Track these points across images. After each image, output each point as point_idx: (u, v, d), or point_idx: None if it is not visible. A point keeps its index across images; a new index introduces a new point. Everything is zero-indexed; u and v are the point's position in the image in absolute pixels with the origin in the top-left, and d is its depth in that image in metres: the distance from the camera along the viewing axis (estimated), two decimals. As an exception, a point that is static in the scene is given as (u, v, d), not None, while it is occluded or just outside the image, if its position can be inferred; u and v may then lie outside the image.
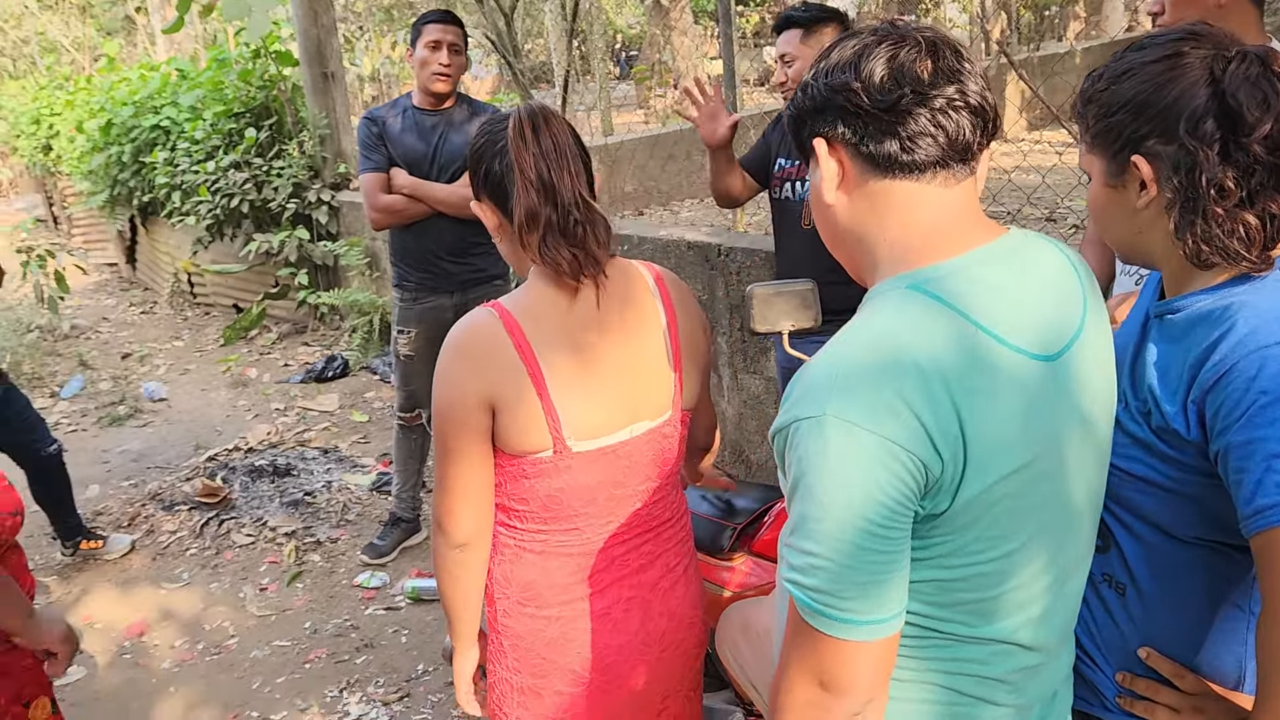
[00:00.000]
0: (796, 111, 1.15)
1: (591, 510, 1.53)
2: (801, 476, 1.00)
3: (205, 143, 7.04)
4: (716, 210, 7.54)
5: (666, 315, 1.58)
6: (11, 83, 14.95)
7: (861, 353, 1.02)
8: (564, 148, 1.46)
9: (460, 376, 1.46)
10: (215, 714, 3.09)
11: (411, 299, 3.73)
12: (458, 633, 1.64)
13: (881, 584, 1.00)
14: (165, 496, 4.61)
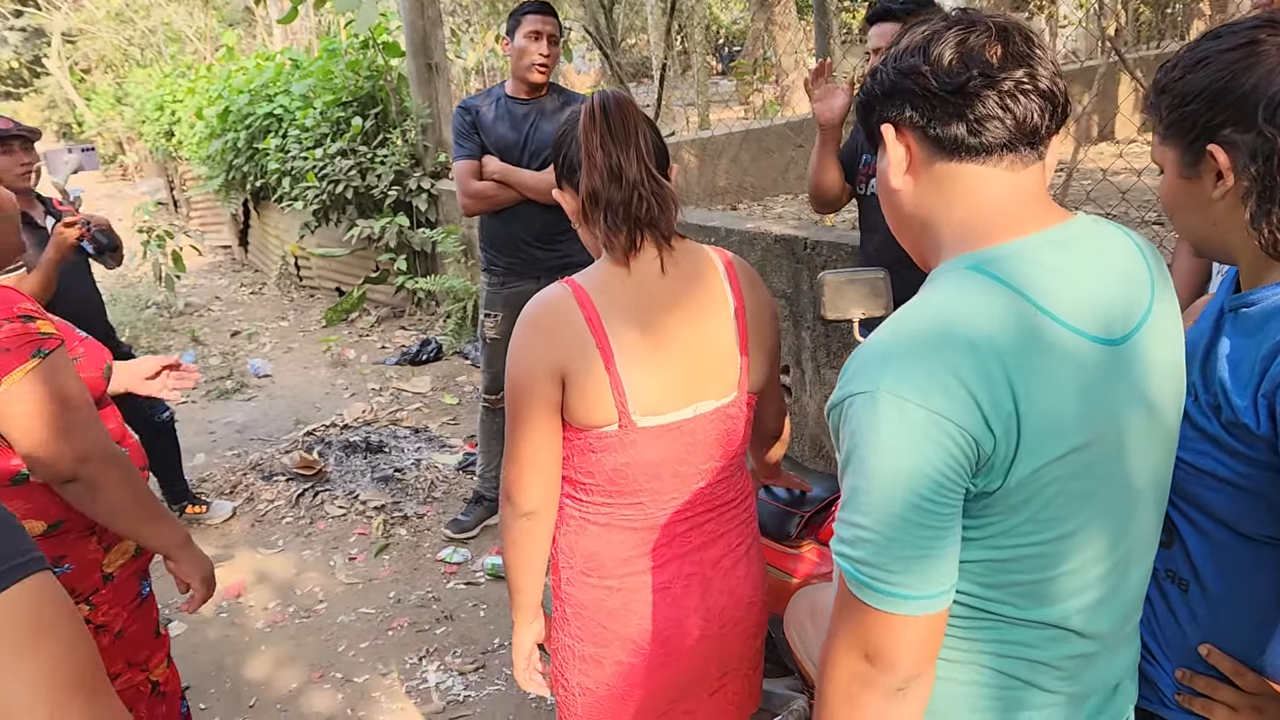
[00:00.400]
0: (865, 98, 1.16)
1: (656, 486, 1.56)
2: (853, 450, 1.02)
3: (314, 130, 7.29)
4: (807, 207, 7.50)
5: (735, 298, 1.60)
6: (139, 71, 15.69)
7: (916, 329, 1.03)
8: (631, 128, 1.50)
9: (533, 348, 1.52)
10: (302, 673, 3.23)
11: (499, 283, 3.82)
12: (518, 604, 1.68)
13: (929, 559, 1.01)
14: (265, 467, 4.82)
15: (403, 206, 6.93)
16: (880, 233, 2.92)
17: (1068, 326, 1.04)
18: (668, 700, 1.67)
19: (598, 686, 1.64)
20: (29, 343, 1.66)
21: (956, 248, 1.11)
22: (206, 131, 9.32)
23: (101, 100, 17.69)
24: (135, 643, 1.94)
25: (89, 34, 19.21)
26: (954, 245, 1.11)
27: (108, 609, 1.89)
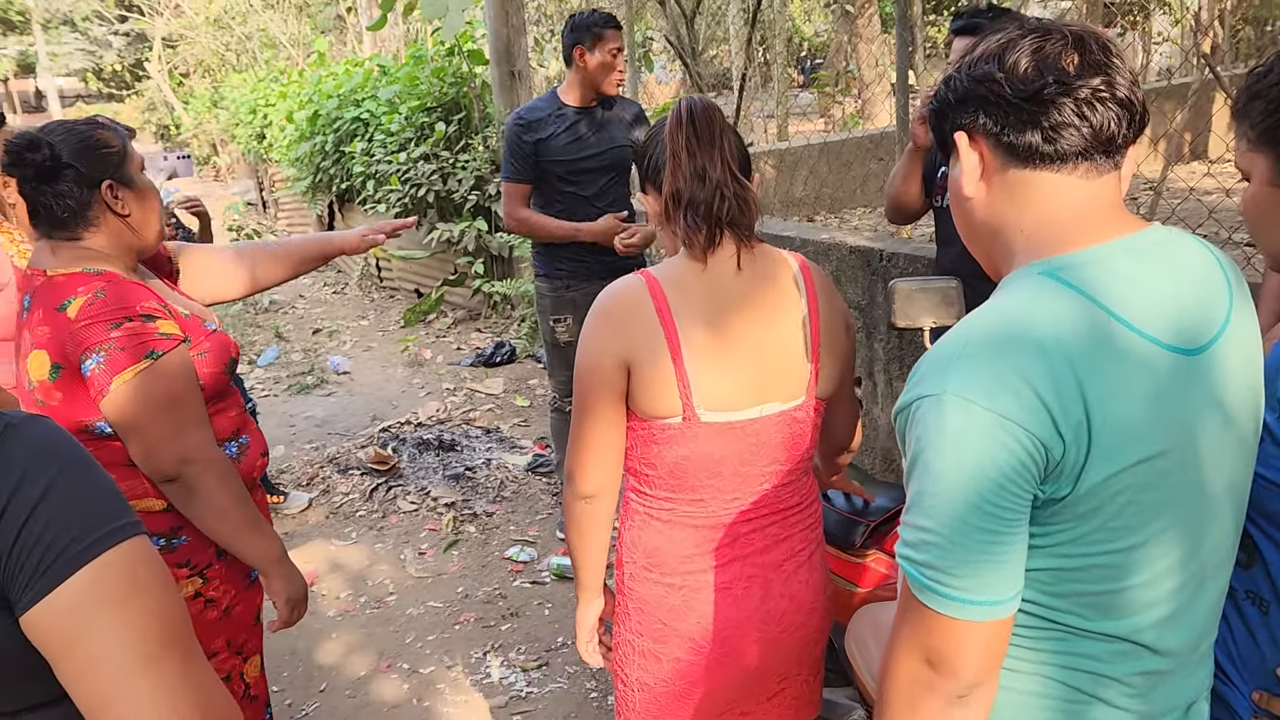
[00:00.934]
0: (939, 105, 1.16)
1: (716, 483, 1.58)
2: (920, 454, 1.02)
3: (399, 135, 7.47)
4: (884, 220, 7.43)
5: (809, 303, 1.61)
6: (235, 75, 16.21)
7: (985, 333, 1.03)
8: (716, 132, 1.54)
9: (602, 335, 1.56)
10: (370, 661, 3.31)
11: (563, 286, 3.86)
12: (581, 583, 1.75)
13: (993, 564, 1.00)
14: (341, 461, 4.95)
15: (482, 211, 7.05)
16: (956, 245, 2.88)
17: (1142, 334, 1.03)
18: (725, 701, 1.68)
19: (656, 683, 1.66)
20: (144, 343, 1.71)
21: (1028, 255, 1.11)
22: (296, 134, 9.60)
23: (198, 103, 18.32)
24: (238, 624, 1.99)
25: (188, 39, 19.91)
26: (1026, 252, 1.11)
27: (219, 584, 1.94)
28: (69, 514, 0.87)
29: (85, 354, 1.70)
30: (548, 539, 4.10)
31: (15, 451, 0.87)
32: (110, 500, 0.91)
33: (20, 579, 0.85)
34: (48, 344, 1.72)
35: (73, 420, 1.74)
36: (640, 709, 1.69)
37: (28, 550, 0.85)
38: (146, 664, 0.88)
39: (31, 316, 1.75)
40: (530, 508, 4.40)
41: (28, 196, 1.77)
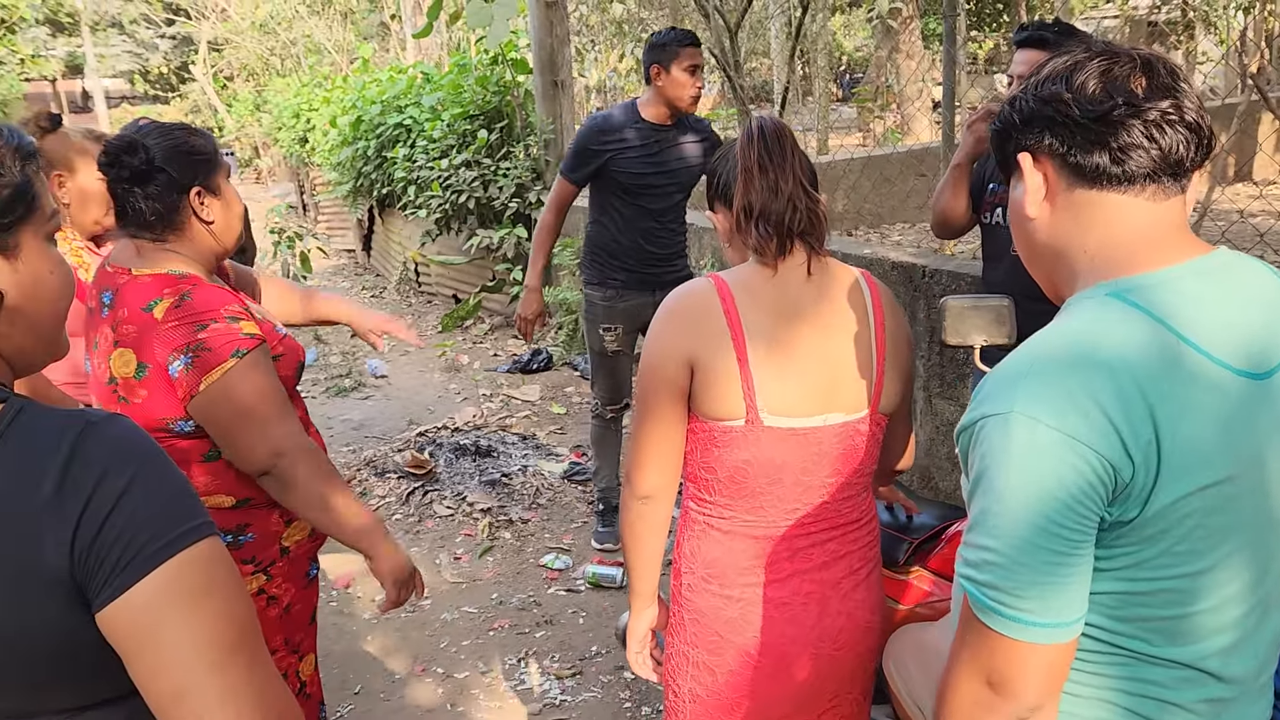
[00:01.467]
0: (1002, 125, 1.16)
1: (776, 491, 1.58)
2: (984, 473, 1.02)
3: (441, 141, 7.54)
4: (926, 236, 7.40)
5: (875, 317, 1.63)
6: (278, 80, 16.43)
7: (1053, 352, 1.02)
8: (787, 149, 1.59)
9: (669, 334, 1.59)
10: (405, 664, 3.33)
11: (615, 295, 3.87)
12: (635, 590, 1.73)
13: (1058, 586, 0.99)
14: (378, 464, 4.99)
15: (522, 218, 7.10)
16: (1004, 262, 2.89)
17: (1211, 358, 1.02)
18: (777, 717, 1.67)
19: (708, 695, 1.66)
20: (230, 343, 1.75)
21: (1093, 276, 1.10)
22: (339, 139, 9.71)
23: (241, 106, 18.60)
24: (296, 622, 2.02)
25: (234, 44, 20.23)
26: (1090, 274, 1.11)
27: (281, 582, 1.97)
28: (148, 512, 0.89)
29: (173, 355, 1.74)
30: (583, 547, 4.10)
31: (96, 449, 0.89)
32: (187, 500, 0.93)
33: (100, 575, 0.87)
34: (134, 343, 1.75)
35: (154, 418, 1.77)
36: (690, 720, 1.69)
37: (108, 546, 0.86)
38: (218, 663, 0.89)
39: (114, 313, 1.78)
40: (566, 515, 4.41)
41: (118, 197, 1.81)
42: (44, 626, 0.87)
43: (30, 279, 0.95)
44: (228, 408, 1.75)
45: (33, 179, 0.95)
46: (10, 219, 0.92)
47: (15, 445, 0.88)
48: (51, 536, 0.85)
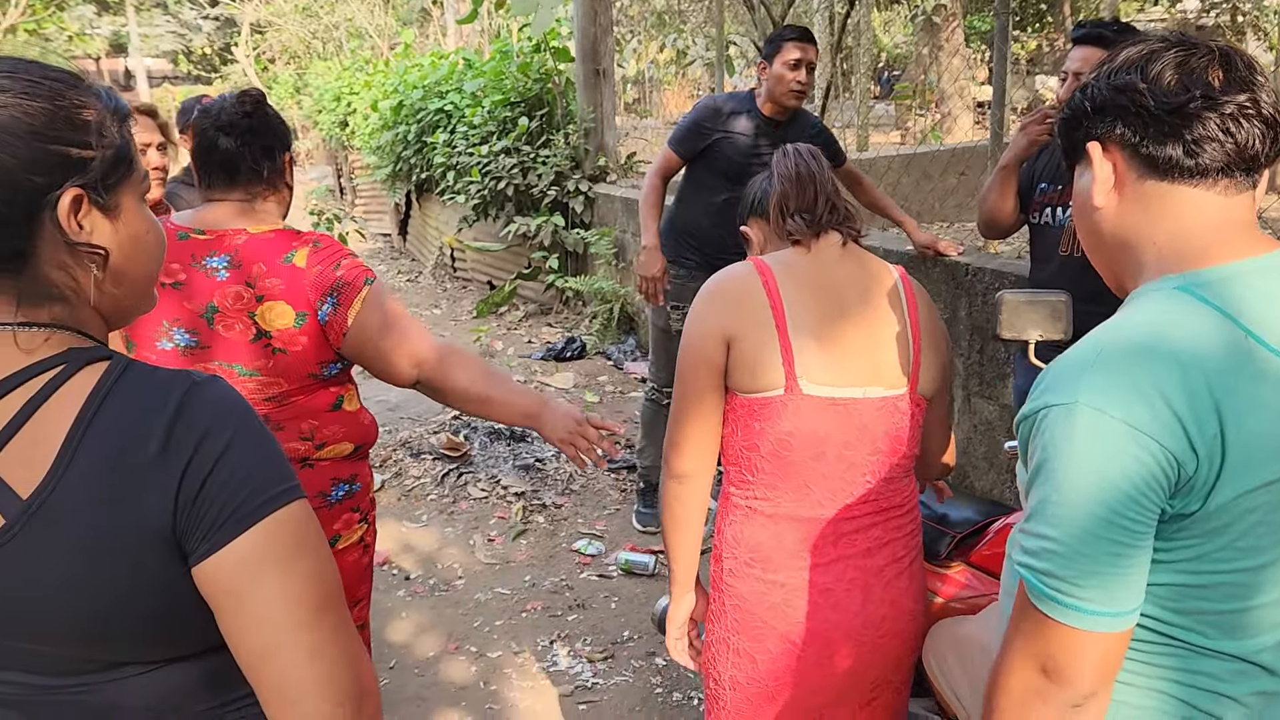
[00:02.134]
0: (1072, 113, 1.15)
1: (819, 468, 1.59)
2: (1045, 462, 1.02)
3: (482, 128, 7.57)
4: (967, 234, 7.35)
5: (908, 303, 1.67)
6: (319, 63, 16.54)
7: (1120, 344, 1.02)
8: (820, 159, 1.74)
9: (707, 313, 1.64)
10: (439, 642, 3.37)
11: (687, 275, 3.93)
12: (675, 575, 1.75)
13: (1117, 576, 0.99)
14: (414, 445, 5.03)
15: (559, 207, 7.12)
16: (1052, 263, 2.88)
17: (1278, 354, 1.03)
18: (818, 705, 1.68)
19: (749, 683, 1.67)
20: (360, 273, 1.90)
21: (1161, 269, 1.10)
22: (379, 123, 9.77)
23: (282, 89, 18.73)
24: (369, 571, 2.15)
25: (276, 26, 20.38)
26: (1157, 267, 1.10)
27: (370, 530, 2.09)
28: (246, 471, 0.91)
29: (320, 301, 1.85)
30: (615, 534, 4.13)
31: (200, 409, 0.91)
32: (280, 462, 0.95)
33: (199, 530, 0.89)
34: (285, 294, 1.84)
35: (310, 364, 1.89)
36: (731, 708, 1.70)
37: (208, 503, 0.89)
38: (308, 622, 0.91)
39: (244, 272, 1.84)
40: (599, 502, 4.43)
41: (232, 157, 1.87)
42: (145, 579, 0.89)
43: (129, 238, 0.97)
44: (371, 332, 1.89)
45: (129, 140, 0.98)
46: (113, 179, 0.94)
47: (123, 401, 0.90)
48: (156, 491, 0.88)
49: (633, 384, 6.05)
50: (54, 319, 0.93)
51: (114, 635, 0.91)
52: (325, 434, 1.95)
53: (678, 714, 2.94)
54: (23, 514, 0.87)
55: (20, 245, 0.88)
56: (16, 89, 0.87)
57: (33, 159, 0.87)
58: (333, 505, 1.99)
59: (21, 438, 0.88)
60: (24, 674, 0.92)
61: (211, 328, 1.86)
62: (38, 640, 0.90)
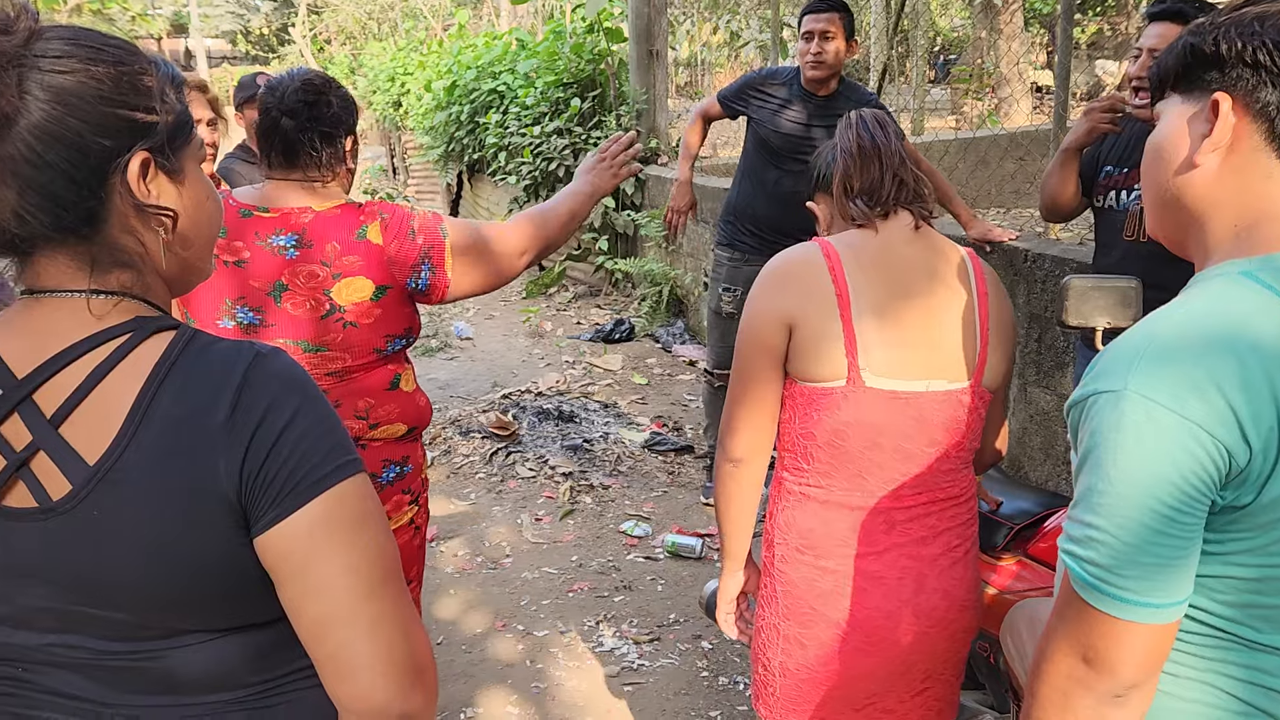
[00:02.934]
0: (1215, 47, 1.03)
1: (875, 458, 1.57)
2: (1092, 450, 0.99)
3: (534, 109, 7.57)
4: (1025, 220, 7.22)
5: (978, 291, 1.62)
6: (374, 44, 16.66)
7: (1174, 330, 0.98)
8: (889, 130, 1.65)
9: (769, 295, 1.59)
10: (486, 620, 3.39)
11: (741, 259, 3.97)
12: (727, 551, 1.74)
13: (1163, 568, 0.97)
14: (463, 423, 5.07)
15: (610, 188, 7.10)
16: (1118, 248, 2.81)
17: None
18: (867, 693, 1.66)
19: (798, 669, 1.66)
20: (434, 228, 1.95)
21: (1232, 251, 1.05)
22: (433, 104, 9.83)
23: (337, 69, 18.88)
24: (421, 552, 2.17)
25: (333, 6, 20.54)
26: (1231, 248, 1.05)
27: (421, 512, 2.12)
28: (310, 442, 0.91)
29: (413, 272, 1.90)
30: (662, 516, 4.12)
31: (266, 380, 0.91)
32: (342, 435, 0.95)
33: (263, 500, 0.89)
34: (363, 270, 1.87)
35: (379, 337, 1.92)
36: (781, 695, 1.68)
37: (273, 473, 0.89)
38: (368, 594, 0.91)
39: (316, 250, 1.86)
40: (646, 484, 4.43)
41: (295, 140, 1.88)
42: (210, 547, 0.90)
43: (193, 202, 0.98)
44: (470, 269, 1.97)
45: (188, 106, 0.99)
46: (177, 143, 0.95)
47: (188, 371, 0.91)
48: (223, 460, 0.88)
49: (681, 367, 6.03)
50: (122, 286, 0.94)
51: (176, 603, 0.91)
52: (380, 413, 1.97)
53: (723, 698, 2.93)
54: (89, 480, 0.88)
55: (93, 208, 0.89)
56: (81, 55, 0.88)
57: (101, 123, 0.88)
58: (383, 487, 2.01)
59: (89, 404, 0.89)
60: (89, 638, 0.93)
61: (279, 305, 1.88)
62: (102, 605, 0.91)
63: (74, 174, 0.87)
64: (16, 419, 0.89)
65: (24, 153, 0.85)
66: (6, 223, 0.88)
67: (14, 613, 0.93)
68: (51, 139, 0.86)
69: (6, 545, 0.90)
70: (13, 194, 0.86)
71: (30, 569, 0.90)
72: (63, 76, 0.86)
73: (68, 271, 0.91)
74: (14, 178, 0.86)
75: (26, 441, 0.89)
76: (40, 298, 0.92)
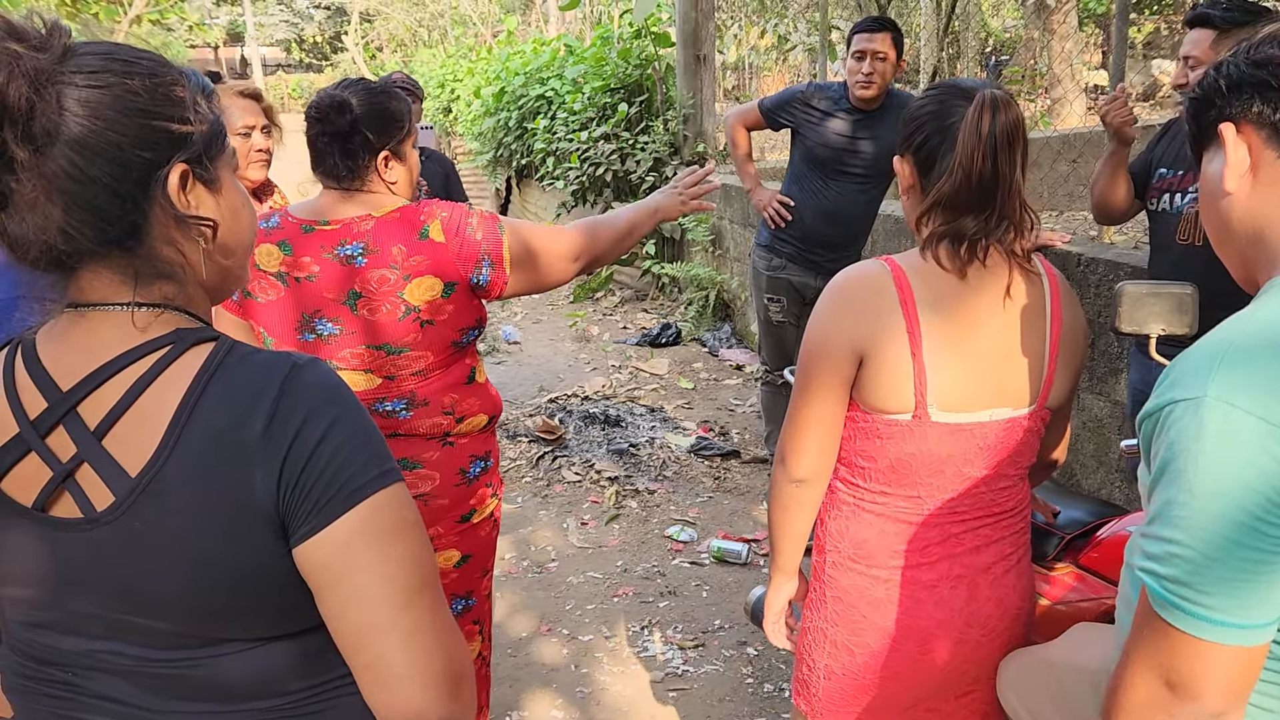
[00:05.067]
0: (1204, 93, 1.08)
1: (937, 481, 1.54)
2: (1171, 461, 0.95)
3: (581, 114, 7.61)
4: (1079, 224, 7.10)
5: (1052, 309, 1.56)
6: (425, 50, 16.84)
7: (1251, 336, 0.96)
8: (1015, 142, 1.45)
9: (841, 320, 1.52)
10: (531, 623, 3.40)
11: (781, 266, 3.99)
12: (777, 564, 1.71)
13: (1249, 584, 0.92)
14: (510, 427, 5.10)
15: (657, 193, 7.11)
16: (1173, 252, 2.75)
17: None
18: (912, 697, 1.64)
19: (844, 673, 1.64)
20: (491, 223, 1.97)
21: None
22: (481, 110, 9.91)
23: (388, 76, 19.12)
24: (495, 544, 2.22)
25: (384, 15, 20.83)
26: None
27: (498, 504, 2.18)
28: (348, 453, 0.92)
29: (475, 269, 1.93)
30: (708, 521, 4.11)
31: (303, 391, 0.92)
32: (380, 444, 0.96)
33: (301, 511, 0.90)
34: (431, 269, 1.90)
35: (455, 329, 1.97)
36: (824, 697, 1.67)
37: (310, 484, 0.90)
38: (405, 603, 0.92)
39: (383, 256, 1.89)
40: (691, 489, 4.42)
41: (318, 149, 1.92)
42: (249, 559, 0.91)
43: (230, 211, 1.00)
44: (528, 268, 1.99)
45: (220, 116, 1.00)
46: (213, 153, 0.96)
47: (227, 382, 0.91)
48: (261, 471, 0.89)
49: (728, 370, 6.01)
50: (164, 298, 0.95)
51: (217, 612, 0.92)
52: (464, 407, 2.03)
53: (768, 705, 2.92)
54: (131, 491, 0.89)
55: (136, 219, 0.91)
56: (116, 69, 0.89)
57: (140, 135, 0.89)
58: (471, 482, 2.06)
59: (130, 416, 0.90)
60: (133, 645, 0.95)
61: (356, 314, 1.91)
62: (144, 614, 0.93)
63: (117, 187, 0.88)
64: (62, 431, 0.91)
65: (67, 168, 0.86)
66: (54, 240, 0.89)
67: (63, 619, 0.95)
68: (93, 153, 0.87)
69: (54, 554, 0.92)
70: (59, 210, 0.87)
71: (77, 578, 0.92)
72: (99, 91, 0.87)
73: (111, 284, 0.93)
74: (59, 194, 0.87)
75: (72, 453, 0.90)
76: (84, 311, 0.93)
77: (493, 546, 2.21)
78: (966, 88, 1.49)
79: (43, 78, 0.85)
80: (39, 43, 0.86)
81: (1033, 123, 10.66)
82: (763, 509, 4.10)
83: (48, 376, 0.92)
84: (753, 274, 4.15)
